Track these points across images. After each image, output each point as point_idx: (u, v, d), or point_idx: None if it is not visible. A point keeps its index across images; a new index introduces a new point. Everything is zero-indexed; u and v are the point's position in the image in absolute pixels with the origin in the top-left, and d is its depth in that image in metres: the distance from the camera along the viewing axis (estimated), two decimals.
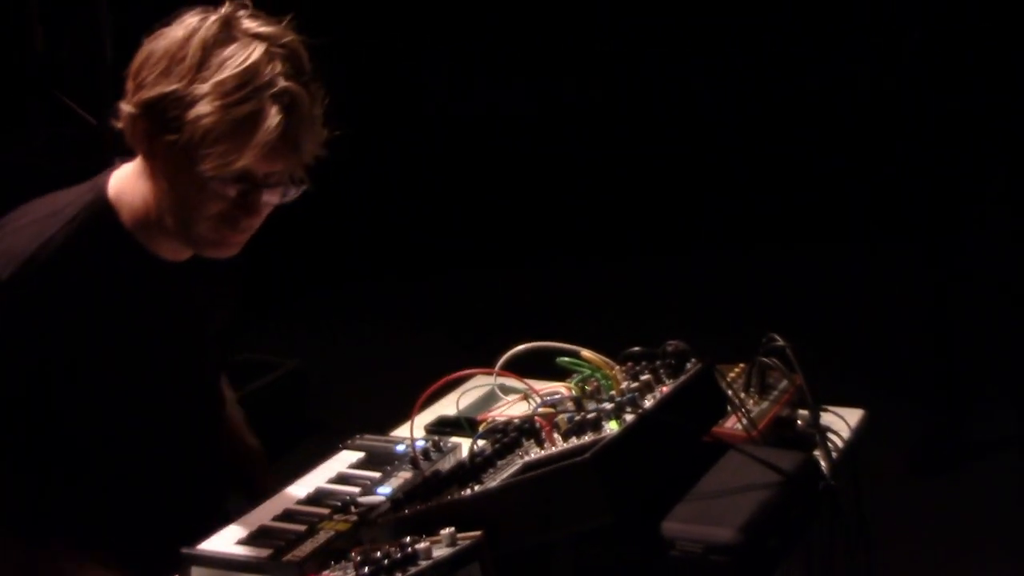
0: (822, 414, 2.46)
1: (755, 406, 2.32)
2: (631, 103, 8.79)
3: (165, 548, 1.96)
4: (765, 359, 2.34)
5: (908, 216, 6.39)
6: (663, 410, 1.95)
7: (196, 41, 2.01)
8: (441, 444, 2.25)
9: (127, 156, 2.16)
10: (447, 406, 2.41)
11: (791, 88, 8.54)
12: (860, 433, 2.49)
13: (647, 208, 7.94)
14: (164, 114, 2.01)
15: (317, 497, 2.12)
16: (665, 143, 8.47)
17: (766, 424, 2.25)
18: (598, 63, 8.85)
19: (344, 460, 2.27)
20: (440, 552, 1.69)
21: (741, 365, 2.43)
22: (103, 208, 2.13)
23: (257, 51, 2.02)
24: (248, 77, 1.99)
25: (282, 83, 2.01)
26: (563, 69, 8.88)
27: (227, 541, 1.96)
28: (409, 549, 1.67)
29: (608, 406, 1.94)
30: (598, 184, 8.24)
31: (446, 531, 1.72)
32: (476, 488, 1.86)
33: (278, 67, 2.02)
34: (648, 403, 1.97)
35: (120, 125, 2.08)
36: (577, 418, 1.92)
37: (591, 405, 2.00)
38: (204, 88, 1.98)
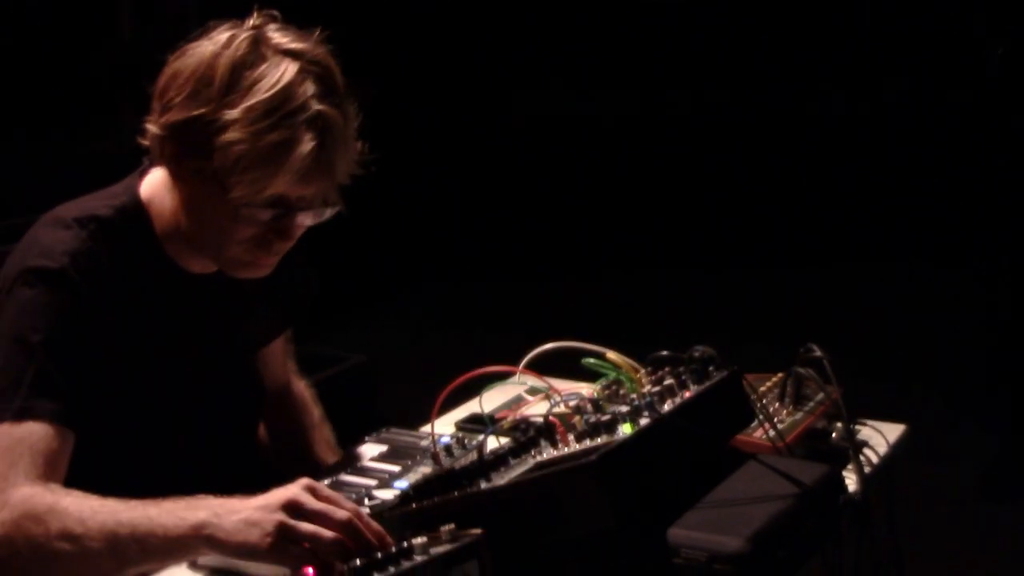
0: (861, 428, 2.43)
1: (788, 417, 2.28)
2: (680, 113, 8.85)
3: None
4: (800, 369, 2.30)
5: (969, 235, 6.40)
6: (681, 415, 1.92)
7: (224, 61, 1.96)
8: (465, 441, 2.23)
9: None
10: (475, 403, 2.39)
11: (850, 103, 8.55)
12: (900, 449, 2.44)
13: (702, 218, 7.98)
14: (192, 138, 1.97)
15: (333, 488, 2.11)
16: (716, 152, 8.51)
17: (796, 435, 2.21)
18: (638, 71, 8.90)
19: (368, 452, 2.26)
20: (438, 549, 1.67)
21: (779, 375, 2.38)
22: (135, 214, 2.12)
23: (288, 72, 1.96)
24: (279, 101, 1.95)
25: (315, 106, 1.96)
26: (604, 77, 8.93)
27: None
28: (405, 544, 1.65)
29: (624, 409, 1.90)
30: (652, 192, 8.30)
31: (446, 528, 1.70)
32: (483, 486, 1.83)
33: (310, 88, 1.97)
34: (667, 408, 1.93)
35: (146, 143, 2.06)
36: (592, 420, 1.90)
37: (609, 408, 1.97)
38: (234, 113, 1.94)
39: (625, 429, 1.86)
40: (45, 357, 1.96)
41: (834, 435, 2.29)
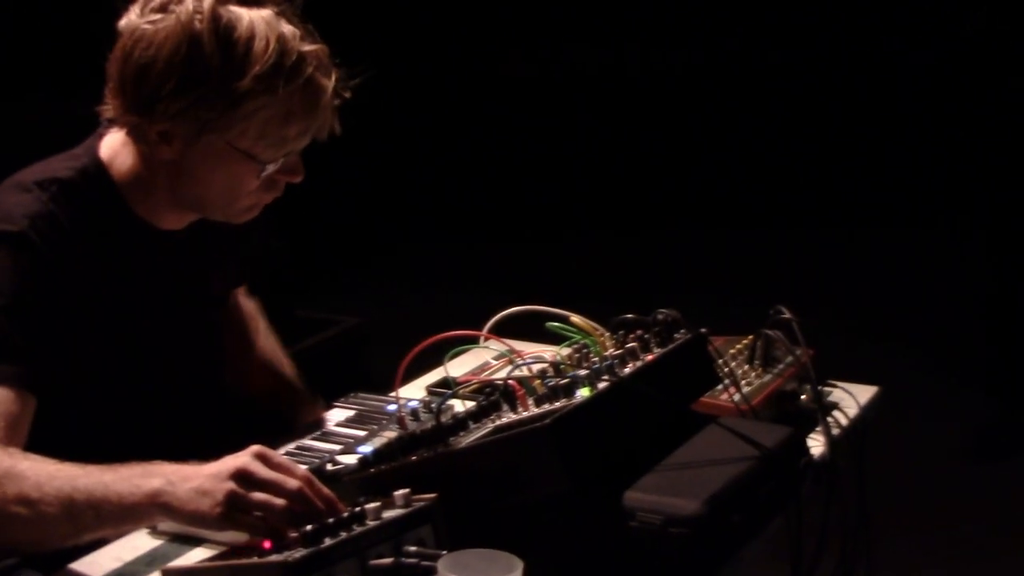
0: (832, 391, 2.42)
1: (756, 379, 2.27)
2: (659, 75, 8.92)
3: None
4: (769, 331, 2.29)
5: (946, 195, 6.46)
6: (640, 379, 1.91)
7: (207, 38, 1.95)
8: (432, 405, 2.22)
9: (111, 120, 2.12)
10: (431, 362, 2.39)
11: (841, 63, 8.59)
12: (872, 411, 2.43)
13: (676, 178, 8.07)
14: (202, 117, 1.98)
15: (297, 453, 2.12)
16: (684, 110, 8.57)
17: (763, 398, 2.20)
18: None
19: (336, 417, 2.26)
20: (391, 513, 1.68)
21: (749, 338, 2.37)
22: (96, 175, 2.12)
23: (267, 26, 1.98)
24: (279, 58, 1.97)
25: (306, 49, 2.00)
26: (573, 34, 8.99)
27: None
28: (358, 508, 1.65)
29: (583, 373, 1.90)
30: (621, 153, 8.38)
31: (400, 492, 1.70)
32: (441, 450, 1.83)
33: (293, 34, 2.00)
34: (628, 371, 1.93)
35: (119, 130, 2.07)
36: (551, 384, 1.89)
37: (571, 372, 1.96)
38: (246, 83, 1.95)
39: (583, 392, 1.85)
40: (6, 320, 1.97)
41: (803, 397, 2.28)
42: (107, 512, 1.76)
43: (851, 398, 2.39)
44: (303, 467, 1.78)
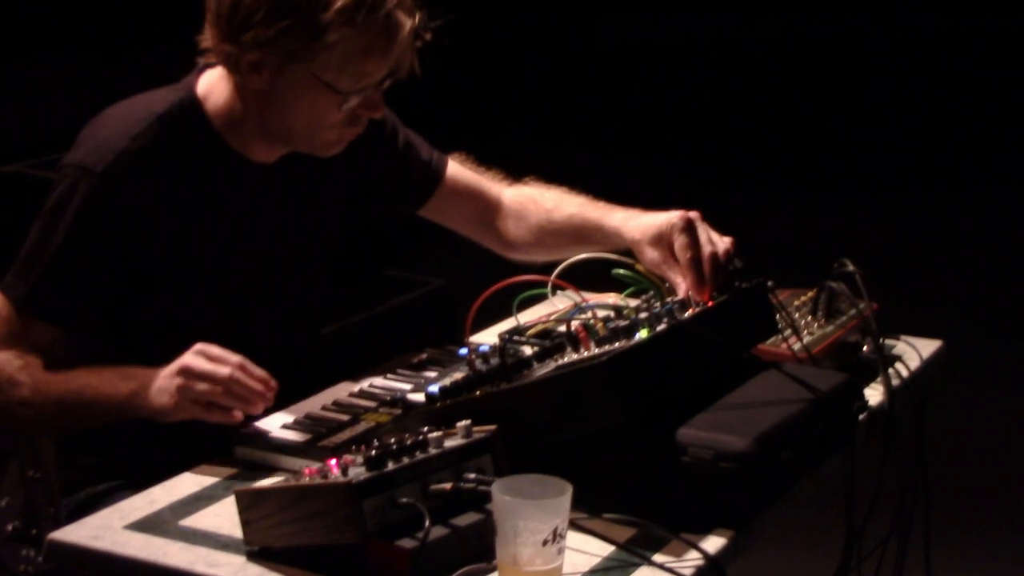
0: (896, 344, 2.46)
1: (819, 329, 2.32)
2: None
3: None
4: (832, 283, 2.33)
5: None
6: (698, 323, 1.97)
7: None
8: (507, 351, 2.29)
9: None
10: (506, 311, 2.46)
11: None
12: (934, 365, 2.47)
13: (758, 144, 8.18)
14: (288, 47, 2.06)
15: (370, 391, 2.21)
16: (753, 75, 8.62)
17: (824, 347, 2.25)
18: None
19: (408, 359, 2.34)
20: (452, 443, 1.76)
21: (815, 290, 2.42)
22: (192, 107, 2.21)
23: None
24: None
25: None
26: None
27: (274, 424, 2.06)
28: (420, 437, 1.74)
29: (644, 316, 1.96)
30: (690, 113, 8.44)
31: (461, 424, 1.78)
32: (503, 386, 1.91)
33: None
34: (687, 315, 1.99)
35: (214, 60, 2.17)
36: (612, 326, 1.96)
37: (632, 316, 2.03)
38: (329, 16, 2.03)
39: (643, 334, 1.92)
40: (61, 257, 2.13)
41: (865, 348, 2.33)
42: (96, 409, 2.08)
43: (914, 352, 2.42)
44: (236, 356, 1.99)
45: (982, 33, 8.87)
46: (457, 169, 2.55)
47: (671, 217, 2.22)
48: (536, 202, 2.54)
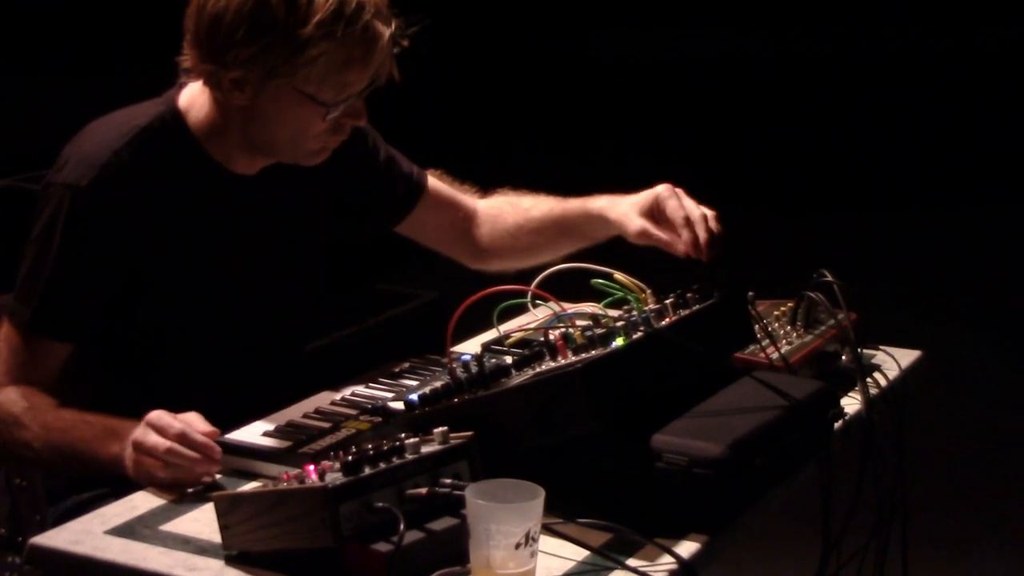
0: (876, 353, 2.48)
1: (797, 339, 2.34)
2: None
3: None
4: (811, 293, 2.35)
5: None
6: (674, 331, 1.99)
7: None
8: (485, 360, 2.32)
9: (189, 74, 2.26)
10: (488, 322, 2.48)
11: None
12: (914, 375, 2.49)
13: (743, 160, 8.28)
14: (270, 63, 2.09)
15: (351, 399, 2.23)
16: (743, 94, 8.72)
17: (802, 356, 2.27)
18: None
19: (390, 368, 2.36)
20: (428, 448, 1.78)
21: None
22: (173, 120, 2.24)
23: None
24: (339, 7, 2.07)
25: None
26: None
27: (255, 432, 2.08)
28: (397, 443, 1.76)
29: (620, 324, 1.98)
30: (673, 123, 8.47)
31: (438, 430, 1.80)
32: (480, 394, 1.93)
33: None
34: (664, 324, 2.01)
35: (194, 80, 2.20)
36: (589, 334, 1.98)
37: (610, 324, 2.04)
38: (308, 30, 2.06)
39: (619, 342, 1.94)
40: (43, 268, 2.16)
41: (843, 358, 2.35)
42: (87, 465, 2.08)
43: (893, 362, 2.45)
44: (177, 425, 1.96)
45: (957, 49, 9.00)
46: (435, 183, 2.60)
47: (654, 189, 2.32)
48: (513, 204, 2.59)
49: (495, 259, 2.58)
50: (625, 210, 2.34)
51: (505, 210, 2.59)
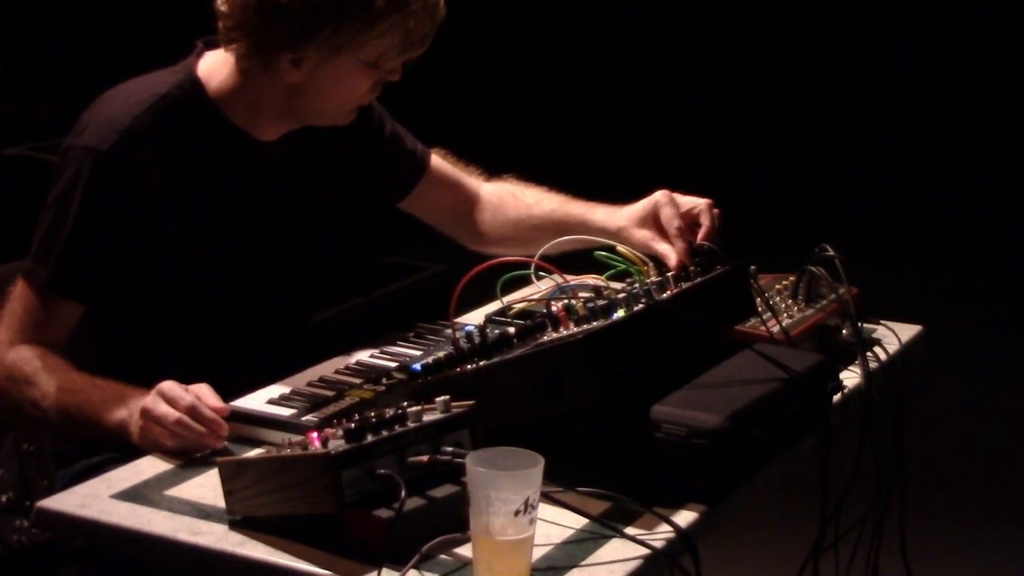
0: (876, 328, 2.50)
1: (798, 313, 2.36)
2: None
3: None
4: (813, 268, 2.37)
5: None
6: (675, 303, 2.01)
7: None
8: (488, 330, 2.34)
9: (209, 39, 2.29)
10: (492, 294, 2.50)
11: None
12: (914, 350, 2.50)
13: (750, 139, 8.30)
14: (339, 43, 2.13)
15: (356, 367, 2.25)
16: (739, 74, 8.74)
17: (803, 330, 2.29)
18: None
19: (394, 339, 2.38)
20: (430, 417, 1.80)
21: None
22: (193, 87, 2.26)
23: None
24: None
25: None
26: None
27: (260, 399, 2.10)
28: (399, 411, 1.78)
29: (621, 296, 2.00)
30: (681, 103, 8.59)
31: (440, 399, 1.82)
32: (481, 363, 1.95)
33: None
34: (664, 296, 2.03)
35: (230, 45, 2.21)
36: (591, 306, 2.00)
37: (612, 296, 2.06)
38: (379, 4, 2.10)
39: (620, 314, 1.96)
40: (61, 230, 2.18)
41: (844, 332, 2.36)
42: (93, 428, 2.09)
43: (894, 336, 2.46)
44: (188, 398, 1.97)
45: (961, 30, 9.01)
46: (439, 161, 2.62)
47: (652, 197, 2.36)
48: (516, 197, 2.63)
49: (494, 245, 2.62)
50: (623, 224, 2.41)
51: (508, 201, 2.63)
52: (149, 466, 1.94)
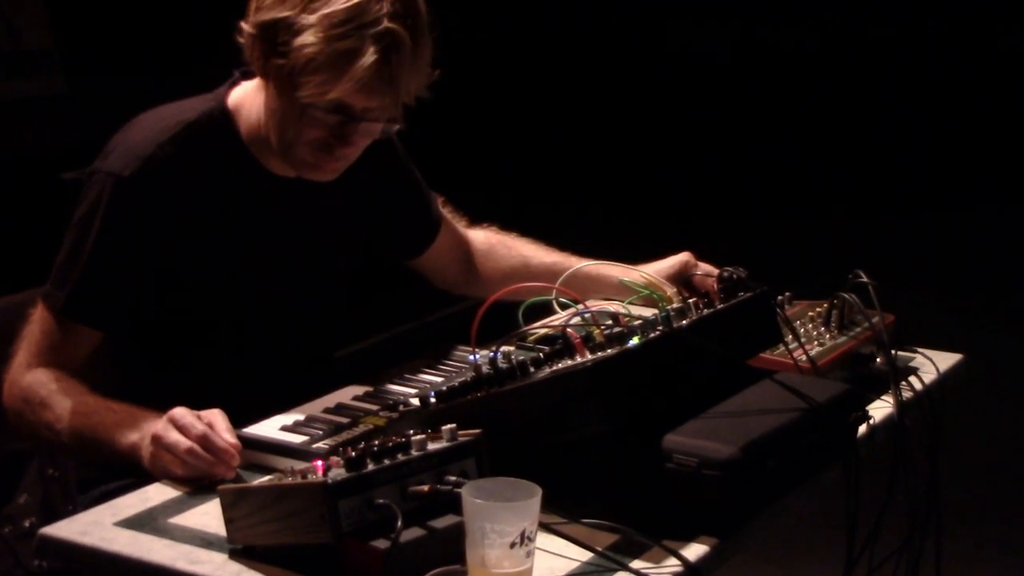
0: (914, 356, 2.43)
1: (830, 340, 2.30)
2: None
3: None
4: (845, 295, 2.31)
5: None
6: (693, 331, 1.96)
7: None
8: (512, 356, 2.30)
9: (246, 69, 2.28)
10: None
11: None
12: (954, 380, 2.43)
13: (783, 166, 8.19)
14: (275, 38, 2.10)
15: (375, 394, 2.22)
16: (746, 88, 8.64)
17: (832, 359, 2.23)
18: None
19: (418, 366, 2.36)
20: (435, 445, 1.76)
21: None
22: (221, 117, 2.26)
23: None
24: (354, 13, 2.06)
25: (385, 24, 2.07)
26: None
27: (273, 426, 2.08)
28: (403, 439, 1.75)
29: (638, 323, 1.96)
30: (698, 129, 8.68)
31: (446, 427, 1.79)
32: (492, 391, 1.91)
33: (386, 7, 2.08)
34: (684, 323, 1.98)
35: (241, 41, 2.20)
36: (607, 332, 1.95)
37: (630, 323, 2.02)
38: (311, 19, 2.06)
39: (635, 341, 1.91)
40: (80, 254, 2.18)
41: (878, 360, 2.30)
42: (105, 452, 2.08)
43: (932, 365, 2.39)
44: (200, 427, 1.95)
45: (1009, 54, 8.85)
46: (445, 213, 2.66)
47: (679, 258, 2.55)
48: (507, 247, 2.67)
49: (476, 290, 2.65)
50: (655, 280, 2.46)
51: (498, 251, 2.67)
52: (156, 493, 1.93)
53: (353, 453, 1.70)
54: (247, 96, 2.27)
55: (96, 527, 1.82)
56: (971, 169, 8.28)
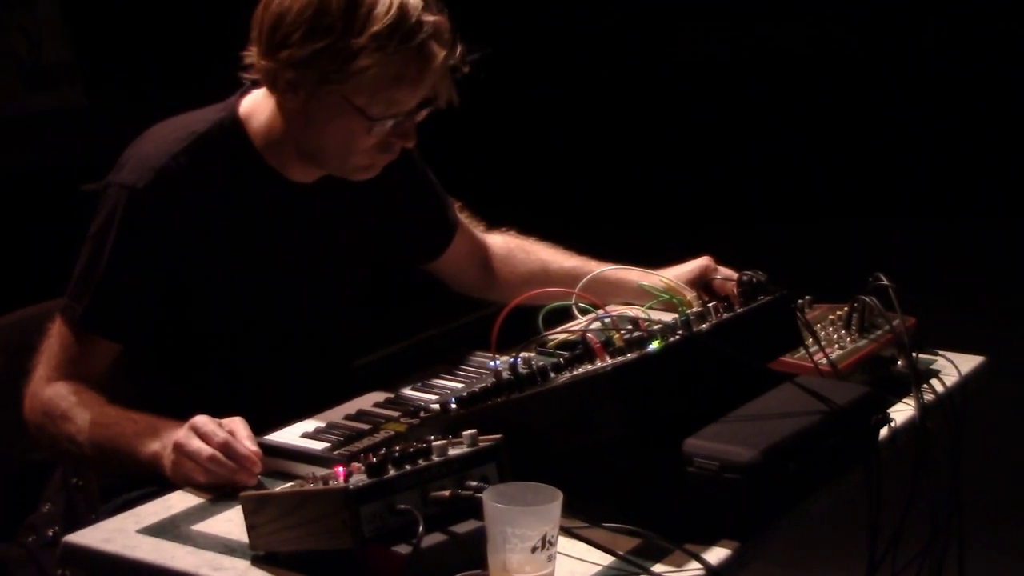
0: (936, 359, 2.42)
1: (851, 343, 2.29)
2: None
3: None
4: (866, 297, 2.31)
5: None
6: (713, 335, 1.96)
7: None
8: (532, 362, 2.30)
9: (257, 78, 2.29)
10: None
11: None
12: (974, 381, 2.42)
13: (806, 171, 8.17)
14: (325, 67, 2.10)
15: (396, 400, 2.23)
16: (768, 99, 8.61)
17: (853, 361, 2.22)
18: None
19: (437, 372, 2.36)
20: (456, 451, 1.77)
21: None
22: (233, 126, 2.27)
23: None
24: (398, 22, 2.08)
25: (427, 18, 2.11)
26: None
27: (294, 433, 2.08)
28: (424, 445, 1.75)
29: (657, 327, 1.96)
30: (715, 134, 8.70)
31: (467, 432, 1.79)
32: (513, 396, 1.91)
33: (418, 2, 2.11)
34: (704, 327, 1.98)
35: (255, 77, 2.20)
36: (627, 337, 1.96)
37: (650, 327, 2.02)
38: (362, 41, 2.07)
39: (655, 345, 1.92)
40: (96, 266, 2.19)
41: (899, 363, 2.29)
42: (126, 462, 2.10)
43: (953, 367, 2.38)
44: (222, 434, 1.96)
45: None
46: (461, 218, 2.66)
47: (698, 262, 2.55)
48: (526, 251, 2.67)
49: (494, 294, 2.67)
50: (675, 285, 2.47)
51: (517, 255, 2.67)
52: (179, 500, 1.94)
53: (374, 459, 1.70)
54: (258, 104, 2.28)
55: (119, 534, 1.82)
56: (993, 171, 8.24)
